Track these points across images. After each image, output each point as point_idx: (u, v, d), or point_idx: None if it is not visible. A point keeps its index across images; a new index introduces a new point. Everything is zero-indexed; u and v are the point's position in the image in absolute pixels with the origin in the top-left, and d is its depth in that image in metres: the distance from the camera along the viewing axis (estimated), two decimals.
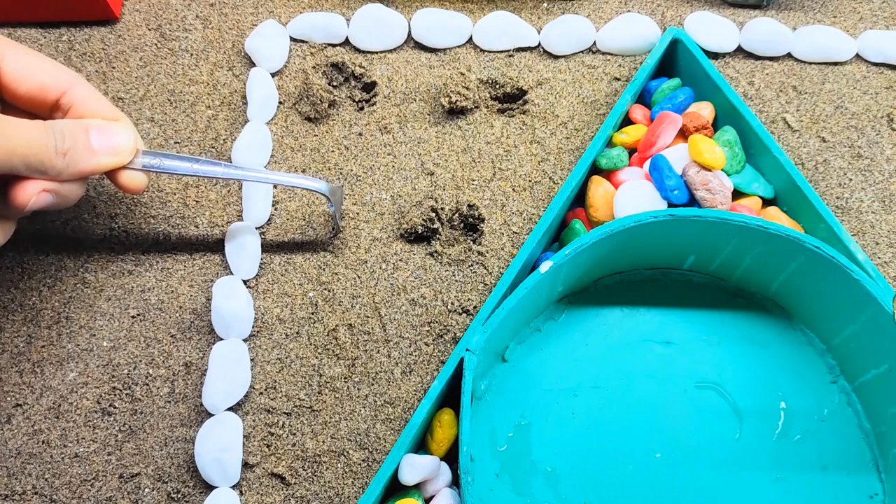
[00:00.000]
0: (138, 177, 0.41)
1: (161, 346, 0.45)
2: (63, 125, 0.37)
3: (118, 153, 0.39)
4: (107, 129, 0.39)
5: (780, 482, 0.42)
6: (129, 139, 0.40)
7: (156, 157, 0.41)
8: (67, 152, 0.37)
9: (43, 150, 0.36)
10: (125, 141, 0.40)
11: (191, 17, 0.55)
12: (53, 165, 0.37)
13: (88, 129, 0.39)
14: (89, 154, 0.38)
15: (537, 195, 0.49)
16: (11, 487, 0.42)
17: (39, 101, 0.40)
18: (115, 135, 0.39)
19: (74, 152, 0.37)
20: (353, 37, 0.53)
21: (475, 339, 0.40)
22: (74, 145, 0.37)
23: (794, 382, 0.44)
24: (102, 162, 0.39)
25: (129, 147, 0.40)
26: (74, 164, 0.38)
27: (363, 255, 0.47)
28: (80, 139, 0.38)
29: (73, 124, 0.38)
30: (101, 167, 0.39)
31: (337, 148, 0.50)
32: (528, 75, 0.52)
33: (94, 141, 0.38)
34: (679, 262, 0.46)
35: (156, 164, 0.41)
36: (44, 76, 0.39)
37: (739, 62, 0.53)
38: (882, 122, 0.51)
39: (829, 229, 0.44)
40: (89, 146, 0.38)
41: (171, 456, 0.43)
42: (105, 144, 0.39)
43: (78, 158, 0.38)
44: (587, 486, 0.42)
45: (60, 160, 0.37)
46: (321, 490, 0.42)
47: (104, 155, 0.39)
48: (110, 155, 0.39)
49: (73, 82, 0.40)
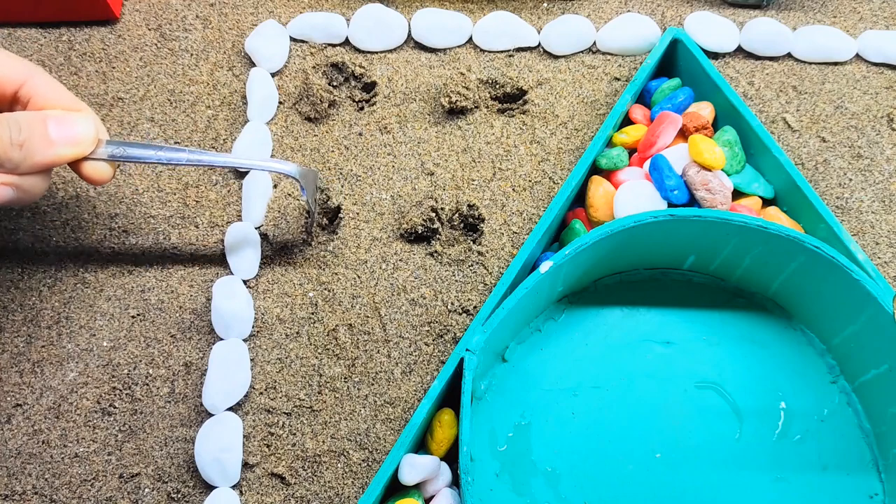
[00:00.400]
0: (102, 167, 0.40)
1: (161, 346, 0.45)
2: (19, 116, 0.37)
3: (77, 143, 0.38)
4: (65, 119, 0.38)
5: (780, 482, 0.42)
6: (88, 129, 0.39)
7: (119, 147, 0.40)
8: (24, 143, 0.36)
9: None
10: (85, 130, 0.39)
11: (191, 17, 0.55)
12: (10, 158, 0.36)
13: (46, 120, 0.38)
14: (47, 145, 0.37)
15: (537, 195, 0.49)
16: (11, 487, 0.42)
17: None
18: (74, 124, 0.38)
19: (31, 143, 0.37)
20: (353, 37, 0.53)
21: (475, 339, 0.40)
22: (31, 136, 0.37)
23: (794, 382, 0.44)
24: (61, 153, 0.38)
25: (90, 137, 0.39)
26: (31, 156, 0.37)
27: (363, 255, 0.47)
28: (36, 130, 0.37)
29: (29, 115, 0.37)
30: (59, 158, 0.38)
31: (337, 148, 0.50)
32: (528, 75, 0.52)
33: (51, 131, 0.37)
34: (679, 262, 0.46)
35: (119, 154, 0.40)
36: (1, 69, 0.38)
37: (739, 62, 0.53)
38: (882, 122, 0.51)
39: (829, 229, 0.44)
40: (47, 137, 0.37)
41: (171, 456, 0.43)
42: (63, 135, 0.38)
43: (35, 149, 0.37)
44: (587, 486, 0.42)
45: (16, 152, 0.36)
46: (321, 490, 0.42)
47: (63, 145, 0.38)
48: (69, 145, 0.38)
49: (30, 74, 0.39)
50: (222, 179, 0.49)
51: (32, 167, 0.37)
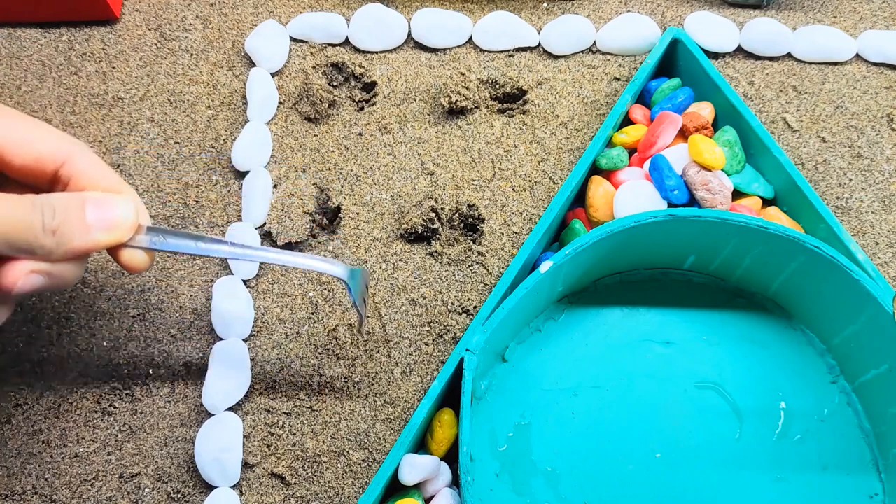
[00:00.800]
0: (139, 255, 0.37)
1: (161, 346, 0.45)
2: (55, 199, 0.34)
3: (115, 229, 0.35)
4: (104, 201, 0.35)
5: (780, 482, 0.42)
6: (128, 213, 0.36)
7: (158, 234, 0.37)
8: (57, 229, 0.33)
9: (27, 228, 0.32)
10: (124, 215, 0.36)
11: (191, 17, 0.55)
12: (42, 245, 0.33)
13: (84, 203, 0.35)
14: (83, 230, 0.34)
15: (537, 195, 0.49)
16: (11, 487, 0.42)
17: (37, 174, 0.36)
18: (113, 208, 0.35)
19: (65, 229, 0.33)
20: (353, 37, 0.53)
21: (475, 339, 0.40)
22: (66, 221, 0.33)
23: (794, 382, 0.44)
24: (98, 239, 0.35)
25: (129, 222, 0.36)
26: (65, 243, 0.33)
27: (363, 255, 0.47)
28: (72, 214, 0.34)
29: (66, 197, 0.34)
30: (96, 244, 0.35)
31: (337, 148, 0.50)
32: (528, 75, 0.52)
33: (89, 215, 0.34)
34: (679, 262, 0.46)
35: (158, 242, 0.37)
36: (40, 147, 0.36)
37: (739, 62, 0.53)
38: (882, 122, 0.51)
39: (829, 229, 0.44)
40: (83, 221, 0.34)
41: (171, 456, 0.43)
42: (101, 219, 0.35)
43: (70, 236, 0.34)
44: (587, 486, 0.42)
45: (49, 238, 0.33)
46: (321, 490, 0.42)
47: (99, 231, 0.35)
48: (106, 231, 0.35)
49: (72, 153, 0.36)
50: (222, 179, 0.49)
51: (66, 254, 0.34)
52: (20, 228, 0.32)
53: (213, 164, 0.50)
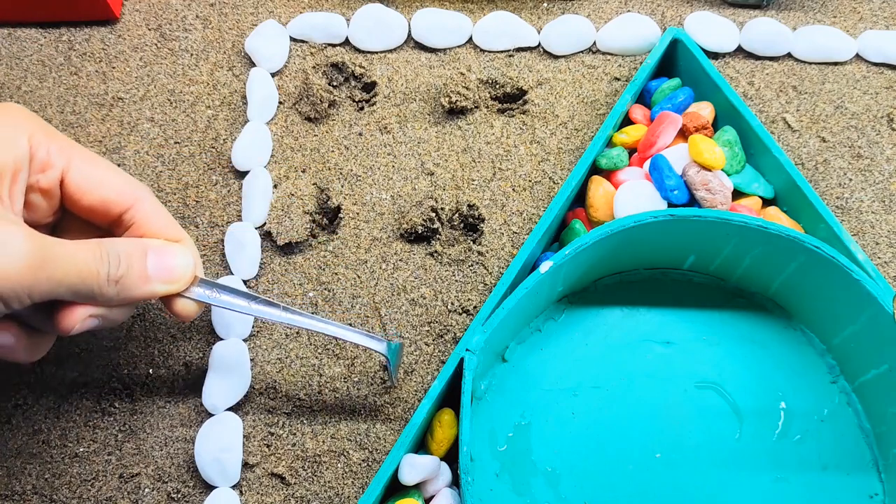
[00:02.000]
0: (190, 306, 0.38)
1: (161, 346, 0.45)
2: (120, 247, 0.34)
3: (174, 281, 0.36)
4: (166, 253, 0.36)
5: (780, 482, 0.42)
6: (187, 265, 0.37)
7: (212, 289, 0.38)
8: (120, 279, 0.34)
9: (94, 277, 0.33)
10: (183, 267, 0.37)
11: (191, 17, 0.55)
12: (103, 294, 0.34)
13: (146, 252, 0.36)
14: (143, 281, 0.35)
15: (537, 195, 0.49)
16: (11, 487, 0.42)
17: (101, 215, 0.37)
18: (173, 258, 0.36)
19: (127, 279, 0.34)
20: (353, 37, 0.53)
21: (475, 339, 0.40)
22: (129, 271, 0.34)
23: (794, 382, 0.44)
24: (156, 289, 0.36)
25: (187, 275, 0.37)
26: (126, 291, 0.34)
27: (363, 255, 0.47)
28: (135, 264, 0.35)
29: (130, 246, 0.35)
30: (154, 294, 0.36)
31: (337, 148, 0.50)
32: (528, 75, 0.52)
33: (150, 266, 0.35)
34: (679, 262, 0.46)
35: (211, 297, 0.38)
36: (108, 192, 0.36)
37: (739, 62, 0.53)
38: (882, 122, 0.51)
39: (829, 229, 0.44)
40: (144, 272, 0.35)
41: (171, 456, 0.43)
42: (161, 269, 0.36)
43: (131, 285, 0.35)
44: (587, 486, 0.42)
45: (112, 288, 0.34)
46: (321, 490, 0.42)
47: (158, 282, 0.36)
48: (165, 283, 0.36)
49: (138, 198, 0.37)
50: (222, 179, 0.49)
51: (124, 301, 0.35)
52: (87, 278, 0.33)
53: (213, 164, 0.50)
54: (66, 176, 0.36)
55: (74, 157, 0.36)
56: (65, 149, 0.36)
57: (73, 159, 0.36)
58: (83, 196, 0.36)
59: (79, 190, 0.36)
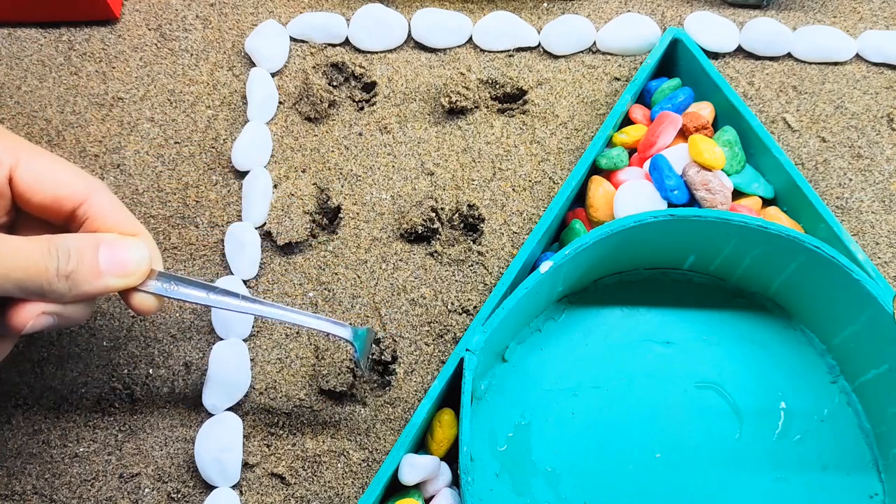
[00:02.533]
0: (149, 300, 0.37)
1: (161, 346, 0.45)
2: (70, 242, 0.34)
3: (127, 275, 0.35)
4: (119, 246, 0.35)
5: (780, 482, 0.42)
6: (141, 258, 0.36)
7: (169, 282, 0.37)
8: (70, 274, 0.33)
9: (42, 273, 0.32)
10: (137, 260, 0.36)
11: (191, 17, 0.55)
12: (53, 290, 0.33)
13: (98, 246, 0.35)
14: (95, 275, 0.34)
15: (537, 195, 0.49)
16: (11, 487, 0.42)
17: (54, 212, 0.36)
18: (126, 252, 0.35)
19: (78, 274, 0.33)
20: (353, 37, 0.53)
21: (475, 339, 0.40)
22: (79, 265, 0.33)
23: (794, 382, 0.44)
24: (110, 283, 0.35)
25: (141, 268, 0.36)
26: (78, 287, 0.34)
27: (363, 255, 0.47)
28: (86, 258, 0.34)
29: (81, 241, 0.34)
30: (107, 289, 0.35)
31: (337, 148, 0.50)
32: (528, 75, 0.52)
33: (102, 259, 0.34)
34: (679, 262, 0.46)
35: (169, 290, 0.37)
36: (58, 188, 0.36)
37: (739, 62, 0.53)
38: (882, 122, 0.51)
39: (829, 229, 0.44)
40: (96, 266, 0.34)
41: (171, 456, 0.43)
42: (114, 263, 0.35)
43: (82, 280, 0.34)
44: (587, 486, 0.42)
45: (62, 283, 0.33)
46: (321, 490, 0.42)
47: (111, 276, 0.35)
48: (119, 276, 0.35)
49: (90, 192, 0.36)
50: (222, 179, 0.49)
51: (77, 298, 0.34)
52: (34, 273, 0.32)
53: (213, 164, 0.50)
54: (14, 174, 0.35)
55: (22, 155, 0.35)
56: (11, 147, 0.35)
57: (21, 157, 0.35)
58: (34, 194, 0.35)
59: (29, 188, 0.35)
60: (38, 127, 0.51)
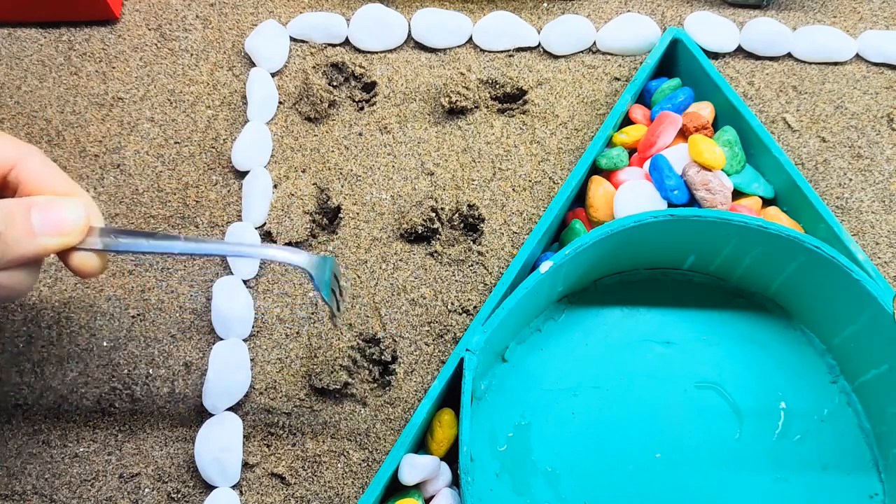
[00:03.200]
0: (91, 259, 0.35)
1: (161, 346, 0.45)
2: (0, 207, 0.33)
3: (63, 233, 0.34)
4: (51, 206, 0.34)
5: (780, 482, 0.42)
6: (77, 216, 0.34)
7: (109, 236, 0.35)
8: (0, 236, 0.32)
9: None
10: (72, 218, 0.34)
11: (191, 17, 0.55)
12: None
13: (30, 207, 0.33)
14: (28, 236, 0.33)
15: (537, 195, 0.49)
16: (11, 487, 0.42)
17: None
18: (60, 211, 0.34)
19: (9, 235, 0.32)
20: (353, 37, 0.53)
21: (475, 339, 0.40)
22: (10, 227, 0.32)
23: (794, 382, 0.44)
24: (45, 244, 0.33)
25: (78, 226, 0.34)
26: (10, 249, 0.32)
27: (363, 255, 0.47)
28: (17, 220, 0.33)
29: (9, 203, 0.33)
30: (43, 250, 0.33)
31: (337, 148, 0.50)
32: (528, 75, 0.52)
33: (34, 220, 0.33)
34: (679, 262, 0.46)
35: (110, 244, 0.35)
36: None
37: (739, 62, 0.53)
38: (882, 122, 0.51)
39: (829, 229, 0.44)
40: (29, 227, 0.33)
41: (171, 456, 0.43)
42: (47, 223, 0.33)
43: (14, 242, 0.32)
44: (587, 486, 0.42)
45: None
46: (321, 490, 0.42)
47: (46, 236, 0.33)
48: (54, 236, 0.33)
49: (21, 157, 0.35)
50: (222, 179, 0.49)
51: (12, 262, 0.33)
52: None
53: (213, 164, 0.50)
54: None
55: None
56: None
57: None
58: None
59: None
60: (38, 127, 0.51)
